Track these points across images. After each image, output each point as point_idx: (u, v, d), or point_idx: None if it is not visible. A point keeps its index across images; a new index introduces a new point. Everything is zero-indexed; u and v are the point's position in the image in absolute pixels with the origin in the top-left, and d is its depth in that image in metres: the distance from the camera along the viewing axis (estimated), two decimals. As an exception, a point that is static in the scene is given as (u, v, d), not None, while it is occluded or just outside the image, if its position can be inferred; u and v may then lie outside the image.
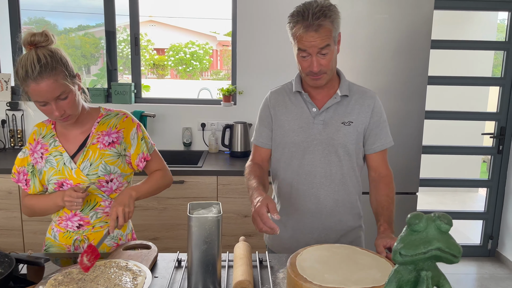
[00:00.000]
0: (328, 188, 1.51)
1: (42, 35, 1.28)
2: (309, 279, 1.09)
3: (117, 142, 1.46)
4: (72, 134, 1.45)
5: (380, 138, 1.53)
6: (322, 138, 1.49)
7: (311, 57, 1.39)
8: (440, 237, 0.74)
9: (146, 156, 1.52)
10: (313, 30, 1.34)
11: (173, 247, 2.67)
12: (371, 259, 1.21)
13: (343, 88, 1.50)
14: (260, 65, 3.14)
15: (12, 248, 2.63)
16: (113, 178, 1.46)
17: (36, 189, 1.47)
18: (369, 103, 1.51)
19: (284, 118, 1.53)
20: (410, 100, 2.55)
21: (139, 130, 1.51)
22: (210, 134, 3.17)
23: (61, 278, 1.13)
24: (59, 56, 1.30)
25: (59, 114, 1.31)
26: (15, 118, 3.11)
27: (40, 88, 1.25)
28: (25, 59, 1.26)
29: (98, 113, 1.50)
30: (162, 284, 1.19)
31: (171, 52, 9.35)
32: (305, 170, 1.51)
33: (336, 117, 1.49)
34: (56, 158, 1.42)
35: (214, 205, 1.19)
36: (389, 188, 1.51)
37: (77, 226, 1.45)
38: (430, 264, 0.77)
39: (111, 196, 1.47)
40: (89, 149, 1.43)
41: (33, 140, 1.48)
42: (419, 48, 2.51)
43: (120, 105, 3.11)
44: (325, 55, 1.38)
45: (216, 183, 2.63)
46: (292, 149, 1.52)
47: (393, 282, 0.77)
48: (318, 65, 1.38)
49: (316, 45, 1.35)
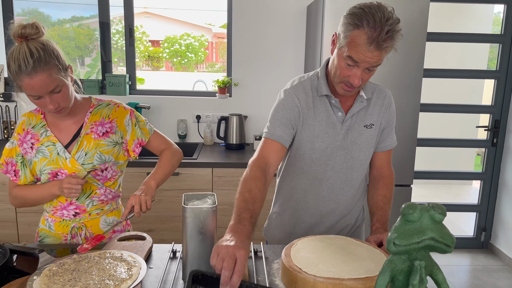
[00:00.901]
0: (348, 193, 1.49)
1: (32, 27, 1.25)
2: (304, 269, 1.09)
3: (111, 131, 1.47)
4: (64, 124, 1.45)
5: (390, 137, 1.51)
6: (345, 143, 1.43)
7: (357, 69, 1.27)
8: (433, 227, 0.74)
9: (141, 141, 1.54)
10: (377, 49, 1.21)
11: (168, 239, 2.67)
12: (365, 250, 1.22)
13: (367, 89, 1.43)
14: (256, 57, 3.13)
15: (6, 240, 2.62)
16: (107, 167, 1.47)
17: (27, 180, 1.46)
18: (386, 103, 1.47)
19: (311, 122, 1.41)
20: (405, 92, 2.55)
21: (132, 116, 1.52)
22: (205, 126, 3.16)
23: (56, 268, 1.13)
24: (51, 48, 1.28)
25: (54, 107, 1.30)
26: (8, 109, 3.08)
27: (34, 83, 1.24)
28: (17, 52, 1.23)
29: (90, 103, 1.49)
30: (157, 275, 1.19)
31: (166, 44, 9.29)
32: (326, 175, 1.46)
33: (358, 121, 1.43)
34: (48, 148, 1.42)
35: (209, 196, 1.19)
36: (387, 189, 1.49)
37: (73, 214, 1.47)
38: (424, 254, 0.78)
39: (105, 184, 1.49)
40: (83, 139, 1.43)
41: (22, 130, 1.45)
42: (415, 40, 2.51)
43: (115, 97, 3.09)
44: (371, 71, 1.29)
45: (211, 175, 2.63)
46: (314, 156, 1.44)
47: (387, 271, 0.78)
48: (359, 80, 1.28)
49: (372, 63, 1.24)
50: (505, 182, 3.42)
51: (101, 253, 1.23)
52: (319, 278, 1.06)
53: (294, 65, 3.14)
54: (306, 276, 1.07)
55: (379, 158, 1.53)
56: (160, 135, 1.61)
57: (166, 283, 1.15)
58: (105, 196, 1.50)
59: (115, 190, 1.54)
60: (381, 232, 1.36)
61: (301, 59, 3.14)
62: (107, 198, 1.51)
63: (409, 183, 2.65)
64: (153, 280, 1.16)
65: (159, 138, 1.60)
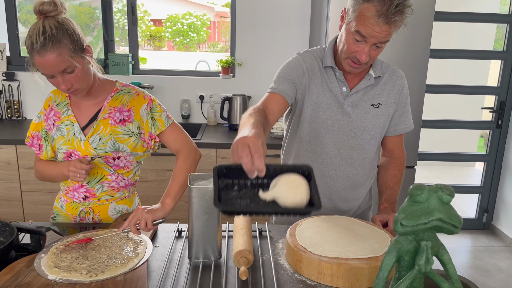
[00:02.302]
0: (346, 171, 1.46)
1: (51, 4, 1.24)
2: (309, 249, 1.10)
3: (128, 120, 1.41)
4: (85, 104, 1.42)
5: (405, 120, 1.48)
6: (350, 120, 1.40)
7: (365, 44, 1.24)
8: (441, 208, 0.74)
9: (151, 134, 1.45)
10: (386, 23, 1.19)
11: (172, 218, 2.69)
12: (370, 230, 1.23)
13: (377, 68, 1.41)
14: (259, 37, 3.09)
15: (12, 218, 2.65)
16: (120, 156, 1.42)
17: (48, 155, 1.45)
18: (399, 83, 1.43)
19: (315, 89, 1.40)
20: (411, 73, 2.52)
21: (148, 107, 1.44)
22: (208, 106, 3.14)
23: (63, 247, 1.14)
24: (66, 27, 1.25)
25: (66, 87, 1.28)
26: (12, 89, 3.07)
27: (44, 61, 1.22)
28: (32, 29, 1.22)
29: (113, 87, 1.45)
30: (163, 254, 1.20)
31: (168, 24, 9.18)
32: (325, 150, 1.44)
33: (365, 99, 1.40)
34: (67, 128, 1.40)
35: (214, 176, 1.19)
36: (398, 169, 1.48)
37: (83, 198, 1.45)
38: (430, 235, 0.78)
39: (118, 172, 1.44)
40: (100, 123, 1.40)
41: (47, 106, 1.46)
42: (422, 20, 2.46)
43: (117, 77, 3.07)
44: (379, 48, 1.26)
45: (215, 156, 2.64)
46: (314, 125, 1.42)
47: (393, 251, 0.78)
48: (366, 56, 1.26)
49: (380, 38, 1.22)
50: (509, 164, 3.41)
51: (107, 231, 1.24)
52: (324, 257, 1.07)
53: (299, 44, 3.10)
54: (311, 256, 1.07)
55: (392, 141, 1.51)
56: (176, 131, 1.48)
57: (172, 261, 1.17)
58: (116, 183, 1.45)
59: (128, 178, 1.48)
60: (388, 212, 1.36)
61: (306, 38, 3.10)
62: (118, 186, 1.46)
63: (413, 165, 2.65)
64: (159, 258, 1.18)
65: (174, 133, 1.47)
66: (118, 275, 1.02)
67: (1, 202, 2.64)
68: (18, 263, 1.07)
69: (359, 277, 1.03)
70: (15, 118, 3.10)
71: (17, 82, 3.07)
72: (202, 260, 1.15)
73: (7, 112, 3.10)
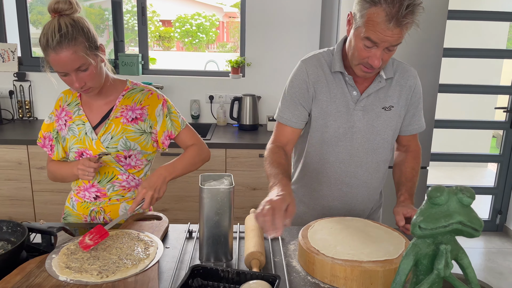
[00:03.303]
0: (361, 177, 1.42)
1: (66, 2, 1.25)
2: (322, 251, 1.08)
3: (140, 118, 1.42)
4: (96, 104, 1.43)
5: (418, 121, 1.44)
6: (362, 125, 1.36)
7: (376, 49, 1.19)
8: (461, 210, 0.72)
9: (171, 134, 1.47)
10: (398, 26, 1.13)
11: (182, 218, 2.69)
12: (383, 232, 1.20)
13: (388, 68, 1.35)
14: (269, 37, 3.07)
15: (23, 218, 2.66)
16: (131, 154, 1.42)
17: (59, 156, 1.46)
18: (410, 83, 1.38)
19: (323, 98, 1.36)
20: (423, 72, 2.48)
21: (164, 107, 1.45)
22: (218, 106, 3.13)
23: (74, 247, 1.13)
24: (81, 25, 1.26)
25: (79, 85, 1.28)
26: (23, 89, 3.09)
27: (59, 59, 1.22)
28: (47, 27, 1.23)
29: (124, 86, 1.46)
30: (174, 255, 1.19)
31: (177, 24, 9.21)
32: (338, 158, 1.40)
33: (376, 102, 1.36)
34: (78, 127, 1.41)
35: (225, 177, 1.18)
36: (415, 161, 1.45)
37: (94, 197, 1.45)
38: (450, 238, 0.76)
39: (129, 171, 1.44)
40: (111, 121, 1.40)
41: (58, 107, 1.46)
42: (435, 18, 2.42)
43: (127, 77, 3.07)
44: (391, 51, 1.22)
45: (224, 156, 2.62)
46: (326, 135, 1.38)
47: (411, 255, 0.76)
48: (379, 61, 1.21)
49: (392, 42, 1.17)
50: (523, 165, 3.35)
51: (118, 232, 1.23)
52: (337, 260, 1.05)
53: (309, 44, 3.08)
54: (324, 258, 1.06)
55: (406, 139, 1.48)
56: (191, 131, 1.53)
57: (183, 263, 1.15)
58: (127, 183, 1.45)
59: (139, 177, 1.48)
60: (409, 205, 1.30)
61: (316, 38, 3.08)
62: (129, 185, 1.46)
63: (425, 165, 2.61)
64: (170, 260, 1.17)
65: (189, 133, 1.52)
66: (129, 276, 1.01)
67: (13, 201, 2.66)
68: (29, 264, 1.07)
69: (374, 280, 1.01)
70: (26, 118, 3.13)
71: (28, 83, 3.09)
72: (213, 262, 1.13)
73: (19, 112, 3.12)
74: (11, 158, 2.59)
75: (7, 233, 1.22)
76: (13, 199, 2.65)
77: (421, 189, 2.64)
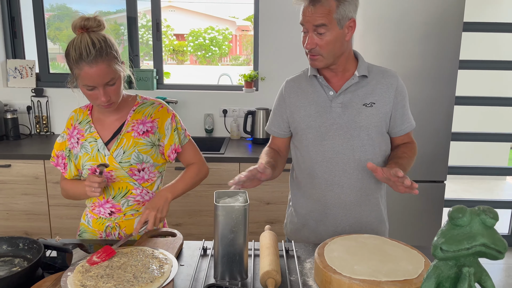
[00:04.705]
0: (351, 176, 1.43)
1: (95, 20, 1.30)
2: (338, 270, 1.06)
3: (151, 131, 1.45)
4: (108, 120, 1.46)
5: (408, 119, 1.48)
6: (343, 122, 1.42)
7: (307, 33, 1.36)
8: (484, 232, 0.70)
9: (177, 148, 1.50)
10: (310, 4, 1.31)
11: (195, 233, 2.68)
12: (402, 251, 1.18)
13: (362, 68, 1.43)
14: (283, 50, 3.08)
15: (38, 232, 2.69)
16: (145, 167, 1.44)
17: (71, 174, 1.49)
18: (391, 82, 1.44)
19: (300, 104, 1.48)
20: (439, 85, 2.46)
21: (173, 121, 1.49)
22: (232, 120, 3.14)
23: (88, 265, 1.13)
24: (111, 42, 1.32)
25: (106, 100, 1.32)
26: (40, 105, 3.15)
27: (93, 72, 1.26)
28: (79, 41, 1.26)
29: (135, 101, 1.49)
30: (188, 273, 1.18)
31: (191, 38, 9.33)
32: (325, 157, 1.44)
33: (356, 99, 1.42)
34: (91, 144, 1.43)
35: (240, 193, 1.17)
36: (409, 149, 1.47)
37: (109, 213, 1.46)
38: (472, 260, 0.73)
39: (143, 185, 1.46)
40: (123, 136, 1.43)
41: (70, 125, 1.50)
42: (450, 30, 2.40)
43: (142, 92, 3.11)
44: (322, 35, 1.33)
45: (238, 170, 2.62)
46: (309, 135, 1.46)
47: (432, 277, 0.74)
48: (311, 42, 1.34)
49: (311, 21, 1.32)
50: (544, 178, 3.26)
51: (133, 249, 1.22)
52: (355, 279, 1.02)
53: (322, 57, 3.07)
54: (341, 278, 1.03)
55: (400, 139, 1.50)
56: (194, 148, 1.57)
57: (198, 281, 1.14)
58: (141, 197, 1.47)
59: (152, 191, 1.50)
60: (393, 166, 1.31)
61: (329, 51, 3.07)
62: (143, 199, 1.48)
63: (442, 179, 2.57)
64: (184, 278, 1.16)
65: (191, 150, 1.56)
66: (143, 296, 1.00)
67: (29, 216, 2.69)
68: (44, 282, 1.07)
69: (393, 301, 0.98)
70: (44, 133, 3.18)
71: (45, 98, 3.15)
72: (228, 281, 1.12)
73: (36, 128, 3.17)
74: (28, 173, 2.62)
75: (23, 250, 1.23)
76: (29, 214, 2.68)
77: (439, 203, 2.59)
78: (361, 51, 1.53)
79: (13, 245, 1.24)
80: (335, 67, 1.42)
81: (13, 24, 3.16)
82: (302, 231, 1.55)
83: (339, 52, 1.38)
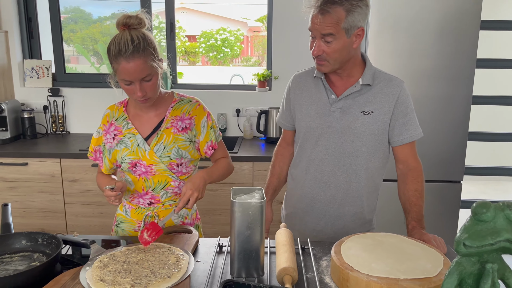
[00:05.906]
0: (339, 177, 1.48)
1: (136, 18, 1.35)
2: (356, 268, 1.05)
3: (189, 128, 1.50)
4: (146, 116, 1.50)
5: (409, 129, 1.45)
6: (339, 126, 1.45)
7: (314, 39, 1.37)
8: (509, 227, 0.68)
9: (214, 145, 1.55)
10: (319, 13, 1.32)
11: (210, 232, 2.69)
12: (420, 249, 1.16)
13: (367, 76, 1.44)
14: (296, 49, 3.07)
15: (55, 230, 2.72)
16: (183, 162, 1.49)
17: (106, 168, 1.54)
18: (393, 92, 1.43)
19: (302, 102, 1.53)
20: (456, 84, 2.43)
21: (209, 119, 1.54)
22: (245, 120, 3.14)
23: (106, 260, 1.14)
24: (150, 39, 1.36)
25: (142, 95, 1.36)
26: (56, 104, 3.19)
27: (130, 67, 1.30)
28: (119, 37, 1.32)
29: (172, 98, 1.54)
30: (205, 269, 1.19)
31: (202, 39, 9.36)
32: (318, 156, 1.50)
33: (355, 106, 1.44)
34: (130, 140, 1.48)
35: (256, 190, 1.17)
36: (417, 182, 1.45)
37: (148, 203, 1.52)
38: (496, 256, 0.72)
39: (180, 178, 1.51)
40: (163, 132, 1.47)
41: (106, 122, 1.54)
42: (467, 29, 2.37)
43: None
44: (329, 43, 1.34)
45: (252, 169, 2.62)
46: (307, 134, 1.51)
47: (455, 274, 0.73)
48: (318, 49, 1.36)
49: (319, 30, 1.33)
50: None
51: (150, 245, 1.23)
52: (372, 277, 1.01)
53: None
54: (358, 275, 1.02)
55: (403, 152, 1.48)
56: (223, 145, 1.63)
57: (214, 277, 1.15)
58: (179, 189, 1.51)
59: None
60: (418, 231, 1.34)
61: (343, 50, 3.05)
62: (180, 191, 1.52)
63: (459, 179, 2.53)
64: (201, 274, 1.16)
65: (222, 147, 1.62)
66: (161, 291, 1.01)
67: (45, 213, 2.72)
68: (63, 276, 1.08)
69: (412, 300, 0.97)
70: (60, 132, 3.22)
71: (61, 98, 3.19)
72: (244, 277, 1.12)
73: (52, 127, 3.22)
74: (45, 171, 2.66)
75: (42, 245, 1.25)
76: (46, 211, 2.72)
77: (455, 204, 2.56)
78: (376, 50, 1.52)
79: (32, 240, 1.26)
80: (341, 71, 1.44)
81: (29, 25, 3.21)
82: (292, 219, 1.63)
83: (346, 58, 1.40)
